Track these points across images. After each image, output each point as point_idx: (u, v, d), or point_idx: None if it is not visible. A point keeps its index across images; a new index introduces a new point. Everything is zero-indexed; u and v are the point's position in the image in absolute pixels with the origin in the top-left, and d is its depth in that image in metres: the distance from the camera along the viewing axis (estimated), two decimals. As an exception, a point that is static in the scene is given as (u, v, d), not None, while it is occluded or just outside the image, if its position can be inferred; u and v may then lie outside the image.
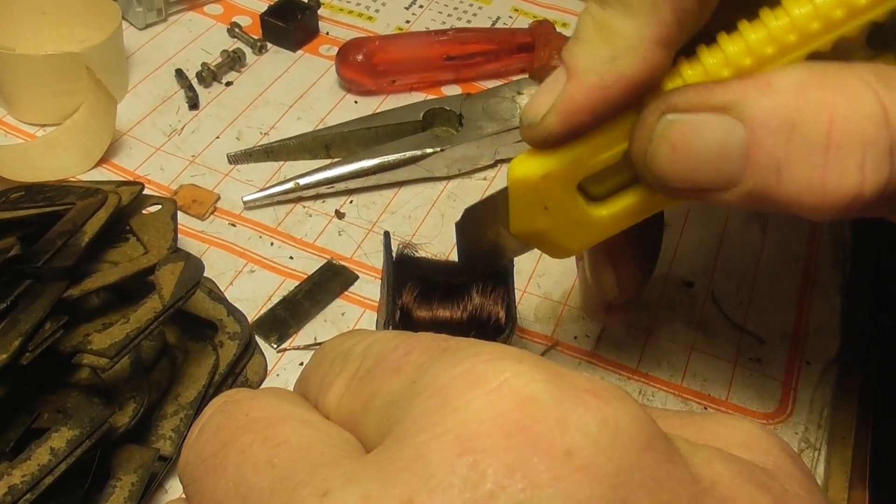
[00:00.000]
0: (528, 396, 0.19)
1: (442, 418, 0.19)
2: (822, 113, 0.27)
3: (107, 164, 0.58)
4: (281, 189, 0.55)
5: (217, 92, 0.64)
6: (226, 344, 0.45)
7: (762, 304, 0.52)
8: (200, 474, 0.23)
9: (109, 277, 0.42)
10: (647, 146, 0.31)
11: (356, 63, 0.63)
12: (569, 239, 0.37)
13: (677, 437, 0.22)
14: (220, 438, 0.23)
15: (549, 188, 0.35)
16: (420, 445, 0.19)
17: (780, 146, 0.28)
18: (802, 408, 0.47)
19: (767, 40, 0.31)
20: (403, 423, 0.20)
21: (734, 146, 0.29)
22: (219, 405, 0.25)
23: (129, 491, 0.38)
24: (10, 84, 0.59)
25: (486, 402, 0.19)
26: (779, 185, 0.28)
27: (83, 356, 0.37)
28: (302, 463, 0.21)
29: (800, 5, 0.30)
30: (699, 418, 0.25)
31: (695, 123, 0.30)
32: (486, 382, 0.20)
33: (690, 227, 0.56)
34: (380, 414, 0.22)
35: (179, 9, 0.71)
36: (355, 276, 0.52)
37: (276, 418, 0.23)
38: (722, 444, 0.23)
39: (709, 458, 0.21)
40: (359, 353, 0.24)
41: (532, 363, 0.20)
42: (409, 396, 0.21)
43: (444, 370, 0.21)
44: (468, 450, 0.19)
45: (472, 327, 0.41)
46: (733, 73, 0.31)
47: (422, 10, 0.74)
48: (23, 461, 0.35)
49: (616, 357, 0.48)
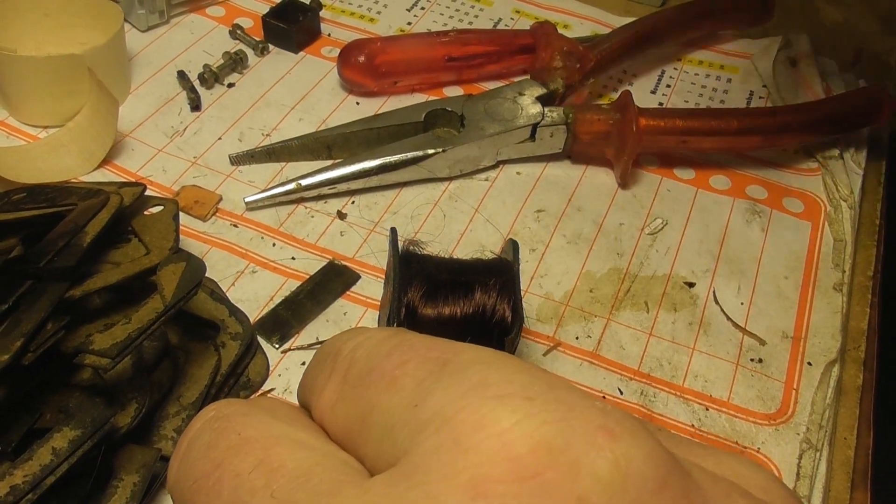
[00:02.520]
0: (541, 441, 0.19)
1: (453, 459, 0.19)
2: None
3: (109, 165, 0.58)
4: (283, 190, 0.55)
5: (219, 93, 0.64)
6: (228, 344, 0.45)
7: (763, 305, 0.52)
8: (192, 495, 0.23)
9: (111, 278, 0.42)
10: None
11: (358, 64, 0.63)
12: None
13: (696, 465, 0.21)
14: (212, 458, 0.23)
15: None
16: (431, 486, 0.19)
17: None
18: (804, 409, 0.47)
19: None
20: (411, 457, 0.20)
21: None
22: (208, 419, 0.24)
23: (130, 491, 0.38)
24: (12, 86, 0.59)
25: (499, 445, 0.19)
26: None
27: (85, 356, 0.37)
28: (301, 492, 0.20)
29: None
30: (719, 453, 0.24)
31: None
32: (498, 422, 0.19)
33: (692, 227, 0.56)
34: (380, 434, 0.22)
35: (181, 11, 0.71)
36: (357, 276, 0.52)
37: (270, 439, 0.23)
38: (742, 483, 0.23)
39: (729, 492, 0.21)
40: (347, 353, 0.24)
41: (542, 399, 0.20)
42: (414, 425, 0.20)
43: (450, 401, 0.20)
44: (481, 495, 0.18)
45: (477, 326, 0.40)
46: None
47: (423, 11, 0.74)
48: (25, 461, 0.35)
49: (618, 358, 0.48)
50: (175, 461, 0.24)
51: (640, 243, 0.55)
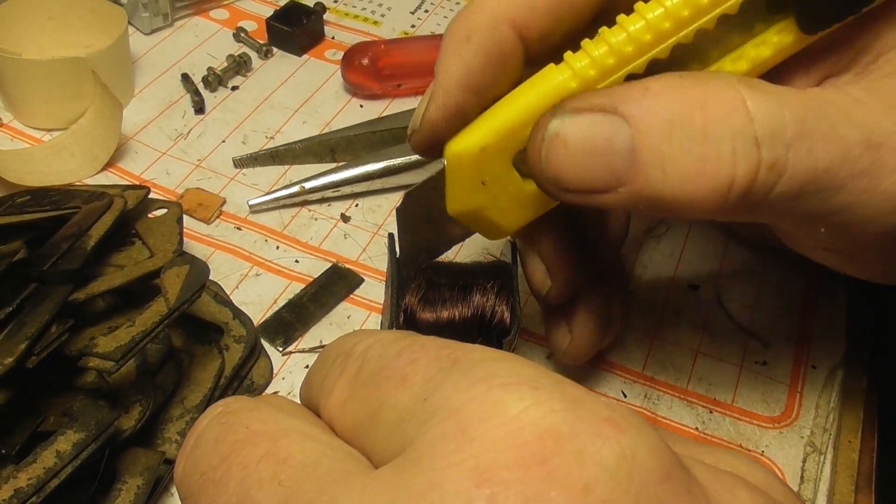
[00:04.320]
0: (547, 429, 0.19)
1: (459, 446, 0.19)
2: (697, 108, 0.29)
3: (112, 168, 0.58)
4: (286, 193, 0.55)
5: (223, 96, 0.64)
6: (231, 347, 0.45)
7: (767, 308, 0.52)
8: (199, 487, 0.23)
9: (115, 281, 0.42)
10: (542, 146, 0.32)
11: (361, 67, 0.63)
12: (505, 216, 0.37)
13: (698, 462, 0.21)
14: (220, 452, 0.23)
15: (486, 161, 0.36)
16: (436, 472, 0.19)
17: (662, 141, 0.29)
18: (808, 412, 0.46)
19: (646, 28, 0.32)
20: (417, 445, 0.20)
21: (621, 144, 0.30)
22: (216, 415, 0.24)
23: (134, 494, 0.38)
24: (16, 89, 0.59)
25: (506, 433, 0.19)
26: (664, 179, 0.30)
27: (89, 359, 0.37)
28: (309, 481, 0.20)
29: None
30: (717, 451, 0.25)
31: (585, 122, 0.31)
32: (504, 410, 0.19)
33: (696, 229, 0.56)
34: (389, 429, 0.22)
35: (185, 14, 0.71)
36: (360, 279, 0.52)
37: (278, 431, 0.23)
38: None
39: (732, 485, 0.21)
40: (358, 353, 0.24)
41: (549, 390, 0.20)
42: (422, 416, 0.21)
43: (457, 391, 0.20)
44: (486, 481, 0.18)
45: (476, 328, 0.41)
46: (617, 61, 0.33)
47: (427, 14, 0.74)
48: (29, 464, 0.35)
49: (621, 360, 0.48)
50: (182, 456, 0.24)
51: (643, 246, 0.55)
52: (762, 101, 0.29)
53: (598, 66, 0.33)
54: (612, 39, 0.33)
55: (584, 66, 0.33)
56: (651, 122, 0.30)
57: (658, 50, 0.32)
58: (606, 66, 0.33)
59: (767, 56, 0.33)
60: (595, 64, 0.33)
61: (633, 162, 0.30)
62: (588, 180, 0.31)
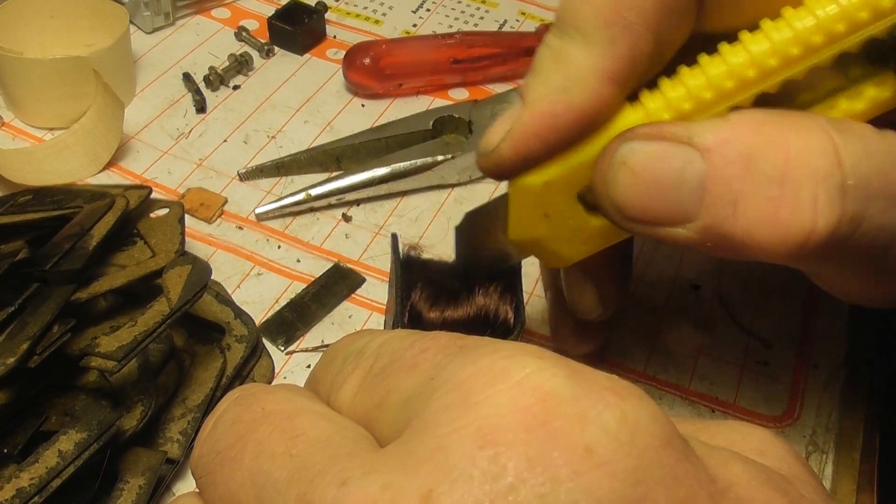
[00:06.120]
0: (550, 392, 0.19)
1: (463, 412, 0.20)
2: (778, 147, 0.28)
3: (114, 167, 0.58)
4: (293, 200, 0.55)
5: (224, 96, 0.64)
6: (233, 347, 0.45)
7: (769, 308, 0.52)
8: (215, 466, 0.23)
9: (117, 281, 0.42)
10: (609, 172, 0.31)
11: (363, 67, 0.63)
12: (567, 247, 0.37)
13: (693, 438, 0.22)
14: (237, 431, 0.23)
15: (550, 196, 0.35)
16: (441, 438, 0.19)
17: (737, 178, 0.28)
18: (810, 411, 0.46)
19: (728, 74, 0.31)
20: (422, 416, 0.20)
21: (692, 177, 0.29)
22: (234, 398, 0.25)
23: (136, 494, 0.38)
24: (17, 88, 0.59)
25: (508, 397, 0.19)
26: (735, 219, 0.29)
27: (91, 359, 0.37)
28: (320, 454, 0.21)
29: (800, 19, 0.30)
30: (712, 424, 0.25)
31: (655, 151, 0.30)
32: (508, 377, 0.20)
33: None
34: (396, 410, 0.22)
35: (187, 13, 0.71)
36: (362, 279, 0.52)
37: (293, 411, 0.23)
38: (736, 450, 0.23)
39: (726, 460, 0.21)
40: (372, 350, 0.24)
41: (553, 360, 0.21)
42: (428, 392, 0.21)
43: (462, 366, 0.21)
44: (489, 443, 0.19)
45: (480, 328, 0.41)
46: (694, 106, 0.31)
47: (429, 13, 0.74)
48: (31, 464, 0.35)
49: (623, 359, 0.48)
50: (200, 439, 0.24)
51: (645, 245, 0.55)
52: (854, 146, 0.28)
53: (674, 109, 0.32)
54: (691, 83, 0.31)
55: (657, 108, 0.32)
56: (726, 155, 0.28)
57: (741, 98, 0.31)
58: (682, 111, 0.32)
59: (861, 110, 0.31)
60: (670, 107, 0.32)
61: (702, 196, 0.29)
62: (654, 211, 0.30)
